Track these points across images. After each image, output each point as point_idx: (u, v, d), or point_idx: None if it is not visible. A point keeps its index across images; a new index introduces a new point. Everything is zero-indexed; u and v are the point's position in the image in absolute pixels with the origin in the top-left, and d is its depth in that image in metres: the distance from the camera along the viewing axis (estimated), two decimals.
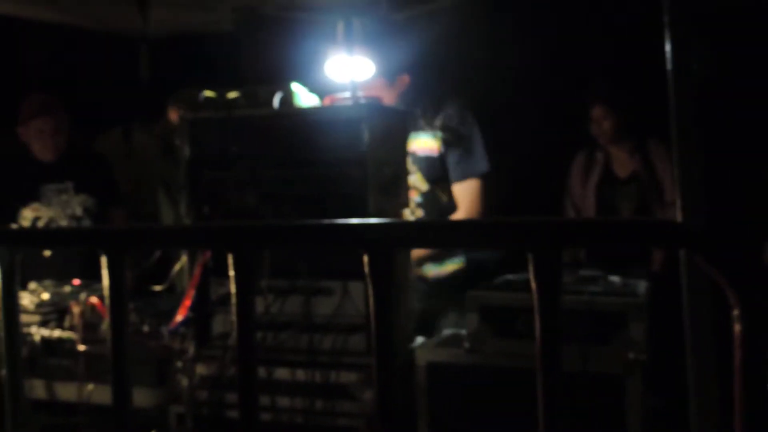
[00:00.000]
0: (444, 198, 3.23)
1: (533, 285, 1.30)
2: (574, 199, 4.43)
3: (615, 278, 2.50)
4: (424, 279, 3.24)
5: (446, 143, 3.16)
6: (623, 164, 4.35)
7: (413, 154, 3.14)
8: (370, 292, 1.35)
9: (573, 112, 4.46)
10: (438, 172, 3.20)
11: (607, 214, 4.24)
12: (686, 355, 1.82)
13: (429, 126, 3.18)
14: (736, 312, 1.09)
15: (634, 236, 1.20)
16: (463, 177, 3.18)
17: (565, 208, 4.47)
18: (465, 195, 3.19)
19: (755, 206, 4.10)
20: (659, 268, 3.95)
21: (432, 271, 3.26)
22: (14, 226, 3.46)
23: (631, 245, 1.35)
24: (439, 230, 1.38)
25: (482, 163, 3.20)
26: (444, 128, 3.16)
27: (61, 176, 3.90)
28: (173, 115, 4.16)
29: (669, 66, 1.47)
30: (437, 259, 3.25)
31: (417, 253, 3.08)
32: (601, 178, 4.35)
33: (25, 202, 3.84)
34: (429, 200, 3.22)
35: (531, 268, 1.28)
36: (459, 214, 3.18)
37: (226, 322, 2.54)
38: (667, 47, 1.46)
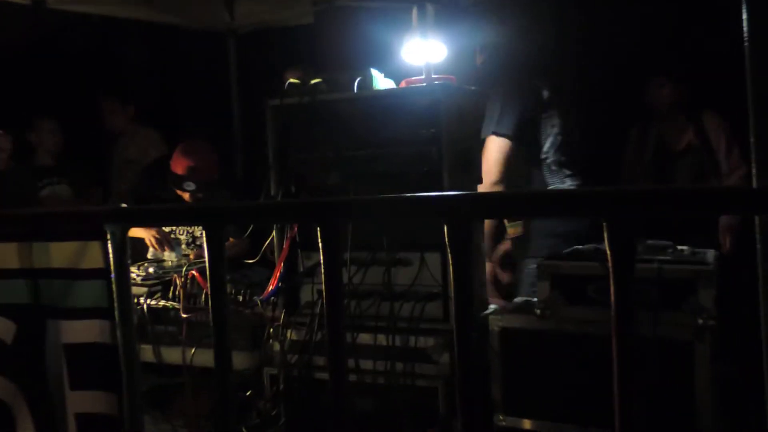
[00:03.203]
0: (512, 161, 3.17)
1: (608, 252, 1.25)
2: (628, 175, 4.26)
3: (683, 247, 2.41)
4: None
5: None
6: (677, 136, 4.13)
7: None
8: (450, 260, 1.33)
9: (630, 89, 4.29)
10: None
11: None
12: (760, 321, 1.75)
13: None
14: None
15: (709, 203, 1.14)
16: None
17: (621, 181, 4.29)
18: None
19: None
20: (729, 250, 3.75)
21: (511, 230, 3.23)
22: (123, 205, 3.56)
23: (707, 213, 1.28)
24: (516, 201, 1.35)
25: (493, 125, 3.10)
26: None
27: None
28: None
29: (746, 34, 1.39)
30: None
31: None
32: (655, 151, 4.16)
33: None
34: None
35: (606, 236, 1.24)
36: None
37: (313, 291, 2.57)
38: (744, 15, 1.38)
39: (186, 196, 3.80)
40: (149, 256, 3.54)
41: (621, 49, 4.61)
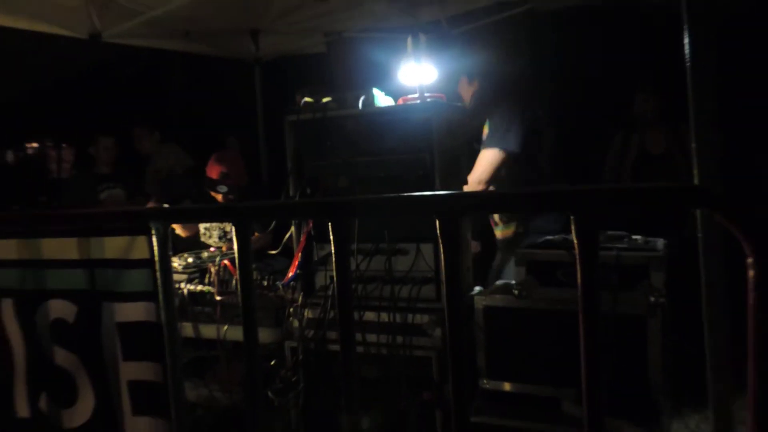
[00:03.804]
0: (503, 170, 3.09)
1: (576, 242, 1.24)
2: (610, 175, 4.20)
3: (637, 237, 2.40)
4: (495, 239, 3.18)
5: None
6: (657, 143, 4.08)
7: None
8: (441, 250, 1.32)
9: (613, 101, 4.25)
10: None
11: None
12: (702, 299, 1.74)
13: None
14: (750, 260, 1.02)
15: (661, 199, 1.14)
16: (484, 147, 2.98)
17: (603, 182, 4.24)
18: (478, 159, 2.97)
19: (763, 172, 3.84)
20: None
21: (499, 232, 3.19)
22: (165, 205, 3.55)
23: (659, 208, 1.27)
24: (497, 199, 1.34)
25: (501, 141, 2.93)
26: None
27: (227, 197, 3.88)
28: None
29: (687, 56, 1.37)
30: (504, 223, 3.14)
31: None
32: (637, 155, 4.11)
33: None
34: None
35: (573, 229, 1.23)
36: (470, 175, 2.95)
37: (326, 277, 2.56)
38: (686, 39, 1.37)
39: (219, 197, 3.81)
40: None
41: (595, 67, 4.58)
